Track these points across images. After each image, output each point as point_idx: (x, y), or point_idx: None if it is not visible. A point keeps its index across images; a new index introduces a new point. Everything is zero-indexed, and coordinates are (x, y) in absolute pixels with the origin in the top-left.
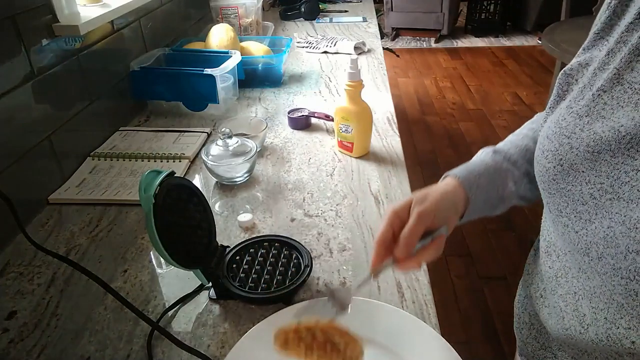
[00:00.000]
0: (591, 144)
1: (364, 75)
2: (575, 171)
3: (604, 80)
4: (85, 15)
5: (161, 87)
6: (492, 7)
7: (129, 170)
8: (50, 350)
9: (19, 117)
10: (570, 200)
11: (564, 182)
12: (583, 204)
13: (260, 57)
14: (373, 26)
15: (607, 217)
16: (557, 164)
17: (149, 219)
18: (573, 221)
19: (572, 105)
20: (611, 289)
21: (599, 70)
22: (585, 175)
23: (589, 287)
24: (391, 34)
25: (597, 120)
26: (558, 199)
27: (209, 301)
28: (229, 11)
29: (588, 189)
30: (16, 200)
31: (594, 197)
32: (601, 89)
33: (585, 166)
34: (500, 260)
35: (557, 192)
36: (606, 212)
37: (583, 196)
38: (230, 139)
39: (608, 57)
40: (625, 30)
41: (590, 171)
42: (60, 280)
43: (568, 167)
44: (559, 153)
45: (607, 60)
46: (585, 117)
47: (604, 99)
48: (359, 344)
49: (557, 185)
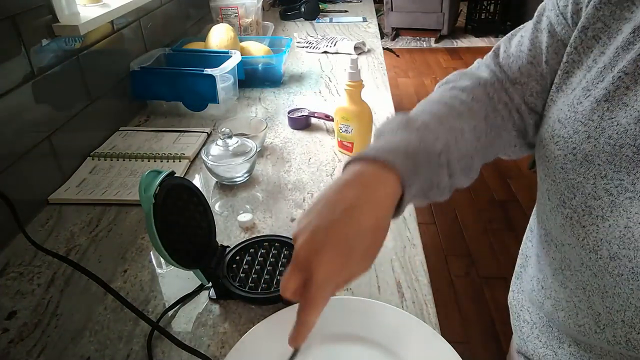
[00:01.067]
0: (614, 135)
1: (364, 75)
2: (590, 163)
3: (627, 62)
4: (85, 15)
5: (161, 87)
6: (492, 7)
7: (129, 170)
8: (50, 350)
9: (19, 117)
10: (579, 192)
11: (574, 172)
12: (595, 199)
13: (260, 57)
14: (373, 26)
15: (625, 217)
16: (569, 152)
17: (149, 219)
18: (580, 215)
19: (589, 87)
20: (628, 292)
21: (622, 50)
22: (601, 169)
23: (598, 285)
24: (391, 34)
25: (619, 108)
26: (563, 188)
27: (209, 301)
28: (229, 11)
29: (603, 184)
30: (16, 200)
31: (610, 194)
32: (623, 70)
33: (603, 159)
34: (500, 260)
35: (563, 181)
36: (624, 210)
37: (596, 190)
38: (230, 139)
39: (634, 35)
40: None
41: (608, 165)
42: (60, 280)
43: (582, 158)
44: (573, 141)
45: (633, 39)
46: (604, 102)
47: (626, 82)
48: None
49: (564, 175)
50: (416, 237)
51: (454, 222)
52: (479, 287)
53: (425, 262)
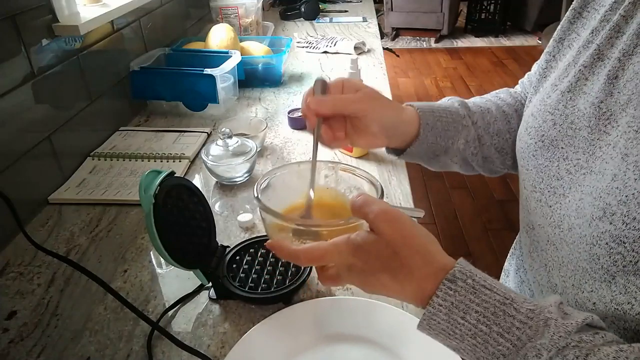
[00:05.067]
0: (575, 120)
1: (364, 75)
2: (555, 147)
3: (586, 57)
4: (85, 15)
5: (161, 87)
6: (492, 7)
7: (129, 170)
8: (50, 350)
9: (19, 117)
10: (545, 175)
11: (543, 157)
12: (558, 179)
13: (260, 57)
14: (373, 26)
15: (579, 190)
16: (538, 139)
17: (149, 219)
18: (547, 196)
19: (556, 82)
20: (577, 256)
21: (583, 48)
22: (564, 151)
23: (558, 257)
24: (391, 34)
25: (579, 96)
26: (534, 175)
27: (209, 301)
28: (229, 11)
29: (565, 165)
30: (16, 200)
31: (570, 173)
32: (582, 64)
33: (565, 142)
34: (501, 260)
35: (534, 167)
36: (579, 185)
37: (559, 172)
38: (230, 139)
39: (592, 35)
40: (609, 9)
41: (569, 147)
42: (60, 280)
43: (549, 143)
44: (542, 129)
45: (591, 38)
46: (568, 92)
47: (585, 74)
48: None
49: (535, 162)
50: None
51: (454, 222)
52: None
53: None
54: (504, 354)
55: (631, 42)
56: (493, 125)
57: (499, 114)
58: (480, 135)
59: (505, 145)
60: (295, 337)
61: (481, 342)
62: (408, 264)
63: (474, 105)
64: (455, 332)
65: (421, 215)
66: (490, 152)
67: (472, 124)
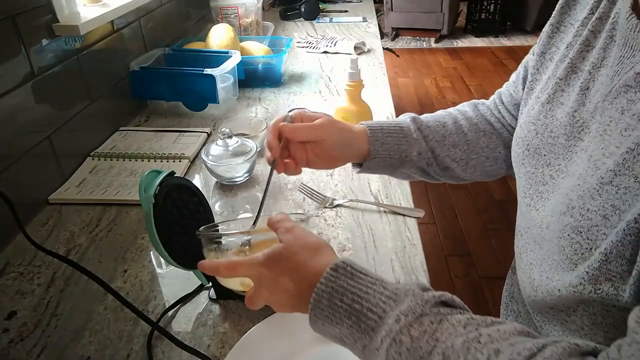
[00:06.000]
0: (554, 129)
1: (364, 75)
2: (539, 155)
3: (562, 70)
4: (85, 15)
5: (161, 87)
6: (492, 7)
7: (129, 170)
8: (50, 350)
9: (19, 117)
10: (533, 182)
11: (530, 165)
12: (544, 184)
13: (260, 57)
14: (373, 26)
15: (558, 192)
16: (525, 149)
17: (149, 219)
18: (535, 200)
19: (539, 95)
20: (552, 250)
21: (560, 62)
22: (546, 158)
23: (540, 255)
24: (391, 34)
25: (557, 107)
26: (524, 181)
27: (209, 301)
28: (229, 11)
29: (549, 171)
30: (16, 200)
31: (553, 177)
32: (559, 77)
33: (547, 150)
34: (500, 260)
35: (524, 175)
36: (559, 188)
37: (544, 177)
38: (230, 139)
39: (567, 49)
40: (581, 24)
41: (551, 154)
42: (60, 280)
43: (533, 151)
44: (527, 139)
45: (566, 52)
46: (547, 104)
47: (562, 86)
48: None
49: (524, 169)
50: (416, 237)
51: (454, 222)
52: (479, 288)
53: (425, 262)
54: (372, 327)
55: (599, 56)
56: (448, 138)
57: (455, 127)
58: (432, 147)
59: (464, 156)
60: (295, 337)
61: (355, 321)
62: (303, 262)
63: (428, 120)
64: (335, 317)
65: (421, 215)
66: (447, 162)
67: (423, 137)
